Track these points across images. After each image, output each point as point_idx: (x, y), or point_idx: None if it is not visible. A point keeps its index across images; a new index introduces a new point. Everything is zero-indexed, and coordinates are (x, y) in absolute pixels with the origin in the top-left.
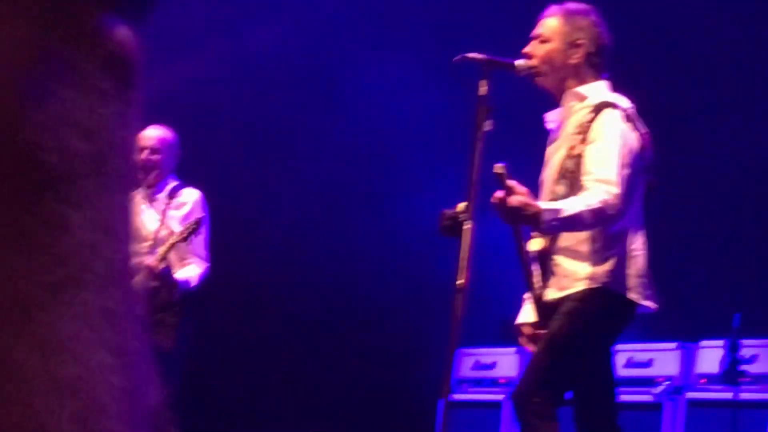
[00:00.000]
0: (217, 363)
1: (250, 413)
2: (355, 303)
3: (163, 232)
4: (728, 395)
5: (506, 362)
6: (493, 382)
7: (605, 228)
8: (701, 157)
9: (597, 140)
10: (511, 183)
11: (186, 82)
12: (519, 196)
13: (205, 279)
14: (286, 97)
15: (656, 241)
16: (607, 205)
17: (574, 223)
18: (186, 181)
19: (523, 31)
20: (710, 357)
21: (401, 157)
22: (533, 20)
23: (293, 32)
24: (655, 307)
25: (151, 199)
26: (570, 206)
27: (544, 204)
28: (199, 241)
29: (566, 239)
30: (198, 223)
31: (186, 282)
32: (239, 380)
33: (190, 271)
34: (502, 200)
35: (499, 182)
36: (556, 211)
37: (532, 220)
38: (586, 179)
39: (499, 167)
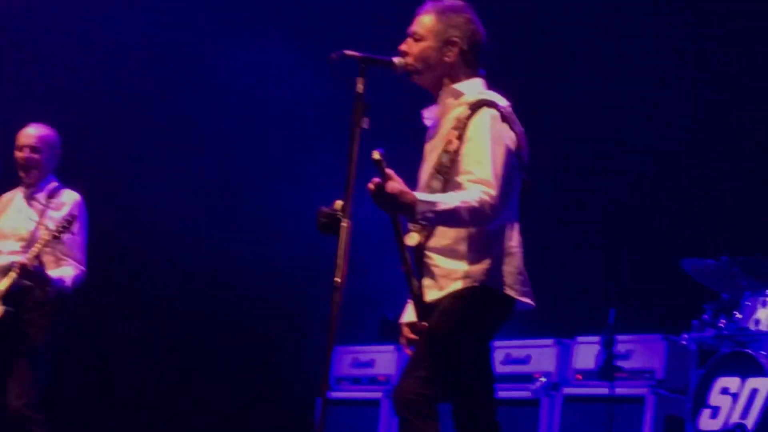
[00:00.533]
0: (95, 362)
1: (128, 413)
2: (233, 301)
3: (41, 232)
4: (604, 391)
5: (384, 360)
6: (371, 380)
7: (481, 227)
8: (577, 157)
9: (474, 139)
10: (389, 171)
11: (55, 77)
12: (396, 183)
13: (81, 282)
14: (158, 91)
15: (533, 238)
16: (484, 205)
17: (449, 217)
18: (62, 182)
19: (403, 27)
20: (586, 353)
21: (278, 152)
22: (412, 16)
23: (166, 23)
24: (532, 304)
25: (30, 198)
26: (446, 200)
27: (420, 195)
28: (75, 243)
29: (444, 238)
30: (70, 221)
31: (60, 280)
32: (120, 380)
33: (64, 271)
34: (379, 186)
35: (377, 169)
36: (432, 203)
37: (407, 209)
38: (463, 179)
39: (376, 154)
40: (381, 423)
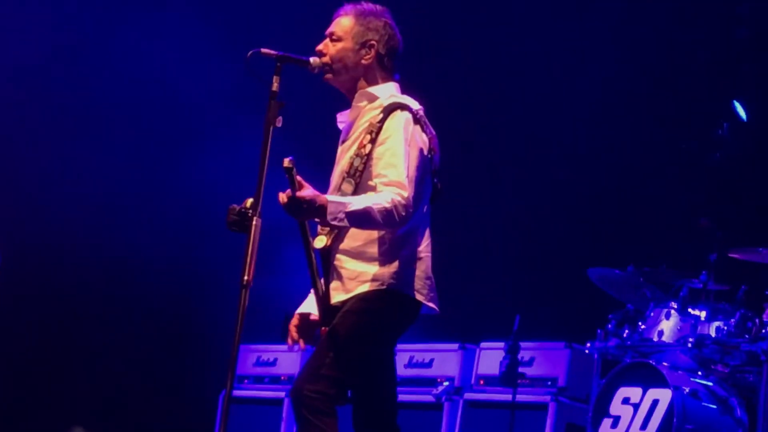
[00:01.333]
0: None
1: (32, 409)
2: (138, 295)
3: None
4: (506, 397)
5: (288, 359)
6: (273, 380)
7: (393, 229)
8: (486, 162)
9: (387, 142)
10: (300, 179)
11: None
12: (307, 189)
13: None
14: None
15: (441, 243)
16: (397, 207)
17: (360, 219)
18: None
19: (321, 27)
20: (490, 359)
21: (190, 144)
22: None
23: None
24: (437, 309)
25: None
26: (358, 202)
27: (331, 197)
28: None
29: (352, 240)
30: None
31: None
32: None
33: None
34: (292, 196)
35: (287, 176)
36: (343, 204)
37: (319, 212)
38: (376, 182)
39: (287, 161)
40: (283, 422)
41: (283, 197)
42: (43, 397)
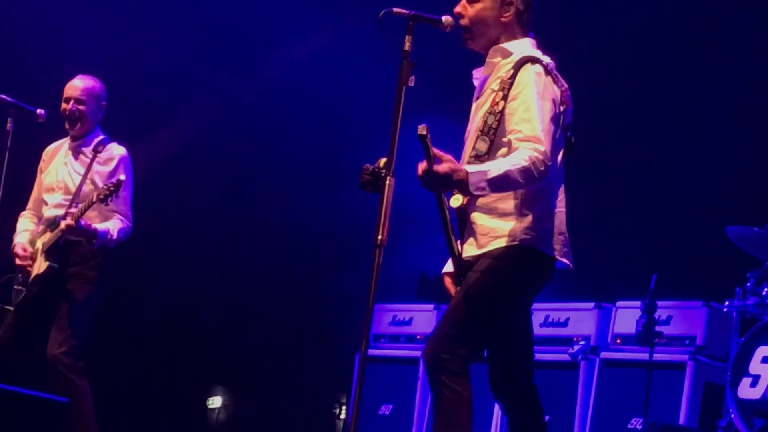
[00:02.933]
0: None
1: (176, 373)
2: (276, 258)
3: (87, 187)
4: (643, 356)
5: (423, 318)
6: (409, 339)
7: (535, 186)
8: (622, 115)
9: (519, 97)
10: (437, 151)
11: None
12: (445, 162)
13: (127, 236)
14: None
15: (576, 200)
16: (536, 163)
17: (502, 183)
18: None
19: None
20: (626, 318)
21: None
22: None
23: None
24: (571, 265)
25: (76, 151)
26: (496, 167)
27: (470, 167)
28: (121, 198)
29: (486, 197)
30: (118, 185)
31: (105, 232)
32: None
33: (111, 224)
34: (428, 169)
35: (422, 144)
36: (483, 173)
37: (460, 185)
38: (512, 138)
39: (422, 128)
40: (419, 381)
41: (420, 171)
42: (185, 361)
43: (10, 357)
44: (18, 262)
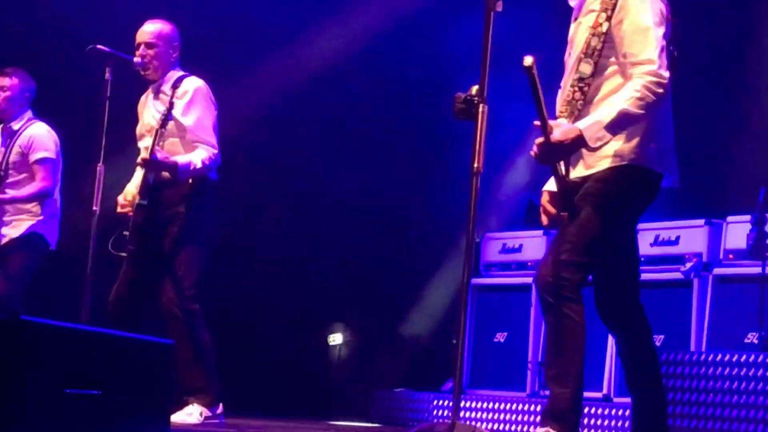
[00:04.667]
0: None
1: (295, 312)
2: (379, 190)
3: (169, 123)
4: (756, 270)
5: (533, 245)
6: (520, 266)
7: (658, 108)
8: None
9: (629, 16)
10: (550, 122)
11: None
12: (556, 129)
13: (214, 163)
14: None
15: (684, 115)
16: (649, 88)
17: (621, 123)
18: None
19: None
20: (737, 233)
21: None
22: None
23: None
24: (678, 184)
25: (157, 92)
26: (608, 111)
27: (581, 123)
28: (202, 126)
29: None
30: (170, 108)
31: (186, 164)
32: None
33: (193, 155)
34: (544, 144)
35: (528, 77)
36: (597, 123)
37: (577, 145)
38: (626, 61)
39: (528, 60)
40: (532, 307)
41: (535, 149)
42: (305, 299)
43: (129, 303)
44: (118, 210)
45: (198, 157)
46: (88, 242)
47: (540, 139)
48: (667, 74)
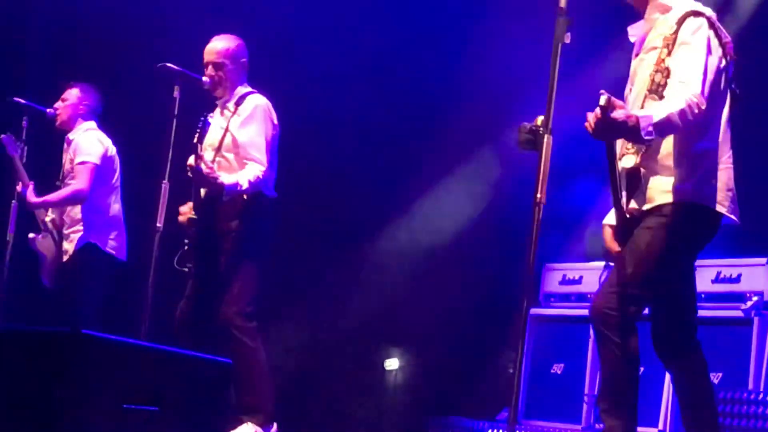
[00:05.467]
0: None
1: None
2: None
3: (227, 139)
4: None
5: (593, 277)
6: (580, 297)
7: (693, 139)
8: None
9: (682, 47)
10: (613, 99)
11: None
12: (620, 109)
13: (263, 182)
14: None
15: (746, 154)
16: (691, 106)
17: (664, 127)
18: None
19: None
20: None
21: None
22: None
23: None
24: (737, 221)
25: (222, 108)
26: (658, 111)
27: (638, 112)
28: (254, 144)
29: (657, 153)
30: (203, 120)
31: (233, 185)
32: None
33: (241, 174)
34: (603, 116)
35: (602, 110)
36: (648, 117)
37: (632, 131)
38: (669, 81)
39: (604, 98)
40: (590, 340)
41: (592, 118)
42: (362, 323)
43: (191, 320)
44: (179, 218)
45: (245, 176)
46: (148, 259)
47: (597, 112)
48: (704, 106)
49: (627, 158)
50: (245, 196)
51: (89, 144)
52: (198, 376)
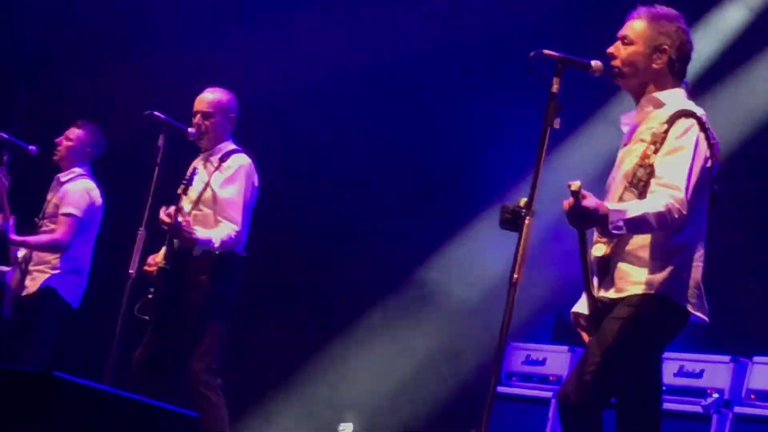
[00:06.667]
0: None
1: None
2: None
3: (207, 194)
4: None
5: (557, 360)
6: (542, 379)
7: (669, 233)
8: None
9: (669, 147)
10: (583, 192)
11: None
12: (591, 198)
13: (234, 243)
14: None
15: (714, 252)
16: (672, 211)
17: (638, 225)
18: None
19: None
20: (762, 373)
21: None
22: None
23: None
24: (706, 319)
25: (205, 161)
26: (635, 208)
27: (611, 205)
28: (232, 203)
29: (629, 245)
30: (211, 178)
31: (206, 241)
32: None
33: (214, 231)
34: (575, 204)
35: (573, 197)
36: (622, 212)
37: (601, 221)
38: (653, 182)
39: (575, 185)
40: (549, 422)
41: (567, 205)
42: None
43: (151, 369)
44: (145, 268)
45: (218, 234)
46: (120, 304)
47: (570, 201)
48: (686, 211)
49: (598, 247)
50: (217, 252)
51: (78, 196)
52: (166, 428)
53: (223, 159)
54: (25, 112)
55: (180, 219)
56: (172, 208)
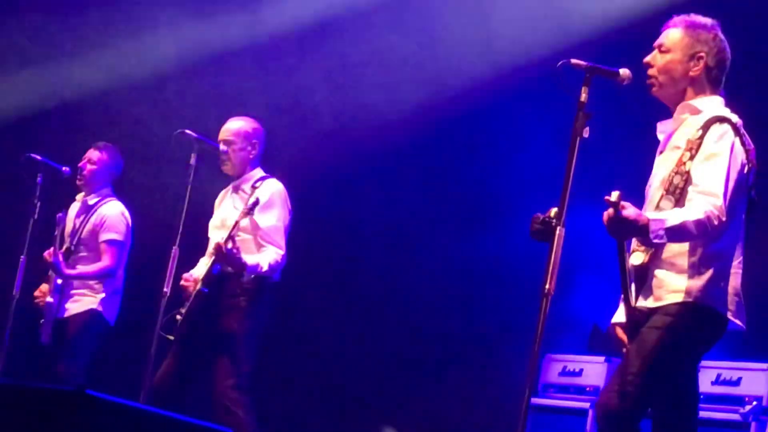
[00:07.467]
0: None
1: (330, 407)
2: (447, 306)
3: (243, 222)
4: None
5: (594, 370)
6: (579, 390)
7: (707, 240)
8: None
9: (705, 154)
10: (623, 202)
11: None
12: (631, 208)
13: (280, 267)
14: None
15: (750, 258)
16: (710, 219)
17: (678, 233)
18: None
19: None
20: None
21: (497, 151)
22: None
23: None
24: (743, 326)
25: (236, 189)
26: (674, 217)
27: (651, 214)
28: (274, 229)
29: (666, 252)
30: (254, 204)
31: (255, 266)
32: (323, 377)
33: (262, 256)
34: (615, 215)
35: (613, 207)
36: (661, 221)
37: (641, 232)
38: (691, 190)
39: (614, 196)
40: None
41: (605, 216)
42: (355, 402)
43: (173, 387)
44: (181, 283)
45: (266, 259)
46: (153, 322)
47: (610, 212)
48: (725, 218)
49: (636, 255)
50: (253, 276)
51: (117, 221)
52: None
53: (255, 186)
54: (53, 133)
55: (230, 245)
56: (223, 238)
